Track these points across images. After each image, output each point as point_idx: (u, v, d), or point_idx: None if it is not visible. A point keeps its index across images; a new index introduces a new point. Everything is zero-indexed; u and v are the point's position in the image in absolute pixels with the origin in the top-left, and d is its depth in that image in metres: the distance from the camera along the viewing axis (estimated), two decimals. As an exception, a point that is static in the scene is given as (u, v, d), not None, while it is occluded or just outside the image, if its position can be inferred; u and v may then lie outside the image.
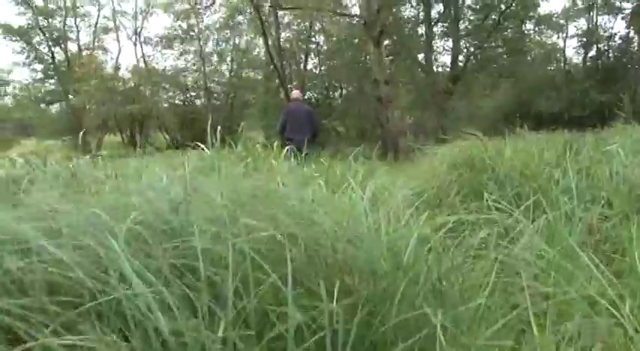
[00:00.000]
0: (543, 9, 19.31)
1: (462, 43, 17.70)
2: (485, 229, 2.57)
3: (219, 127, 4.76)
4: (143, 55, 33.91)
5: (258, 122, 19.56)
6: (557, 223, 2.81)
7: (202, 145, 5.33)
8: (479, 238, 2.44)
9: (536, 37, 20.29)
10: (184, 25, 32.86)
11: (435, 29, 17.96)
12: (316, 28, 18.58)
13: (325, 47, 18.41)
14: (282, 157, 4.70)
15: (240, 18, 25.72)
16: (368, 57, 14.62)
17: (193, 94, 35.87)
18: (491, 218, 2.87)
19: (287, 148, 9.01)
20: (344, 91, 18.37)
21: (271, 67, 17.73)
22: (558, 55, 20.72)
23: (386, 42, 14.70)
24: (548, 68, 20.16)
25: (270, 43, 19.23)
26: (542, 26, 19.86)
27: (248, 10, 20.54)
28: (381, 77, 13.01)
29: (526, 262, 2.29)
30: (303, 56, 18.47)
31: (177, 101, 35.80)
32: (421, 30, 17.91)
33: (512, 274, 2.25)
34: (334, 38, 18.16)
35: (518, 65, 18.04)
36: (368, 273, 1.74)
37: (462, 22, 17.89)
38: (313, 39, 18.66)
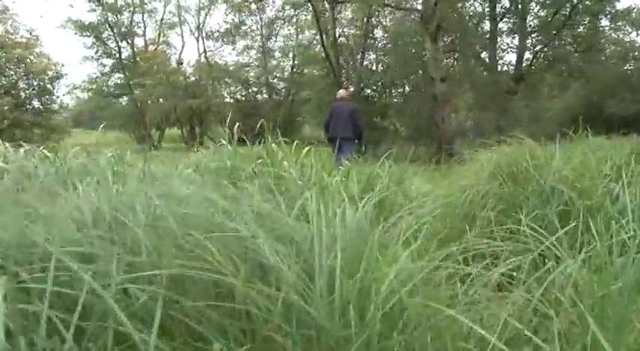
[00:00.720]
0: (622, 4, 17.99)
1: (528, 40, 16.64)
2: (514, 256, 2.05)
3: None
4: (204, 50, 34.33)
5: (312, 119, 19.15)
6: (607, 254, 2.20)
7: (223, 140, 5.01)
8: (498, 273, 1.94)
9: (612, 34, 18.86)
10: (247, 21, 33.20)
11: (499, 26, 16.98)
12: (374, 23, 17.96)
13: (382, 43, 17.76)
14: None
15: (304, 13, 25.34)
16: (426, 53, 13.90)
17: (255, 89, 36.20)
18: (520, 242, 2.33)
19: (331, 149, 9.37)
20: (403, 89, 17.65)
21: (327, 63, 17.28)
22: (637, 53, 19.18)
23: (446, 38, 14.04)
24: (624, 68, 18.69)
25: (326, 38, 18.90)
26: (620, 22, 18.44)
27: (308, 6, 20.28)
28: (437, 75, 12.33)
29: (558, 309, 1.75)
30: (360, 52, 17.88)
31: (238, 96, 36.23)
32: (485, 26, 16.98)
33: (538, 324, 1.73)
34: (392, 33, 17.52)
35: (589, 64, 16.75)
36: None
37: (529, 17, 16.82)
38: (371, 34, 18.04)
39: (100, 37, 33.64)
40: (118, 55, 34.20)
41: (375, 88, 17.97)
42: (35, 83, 14.05)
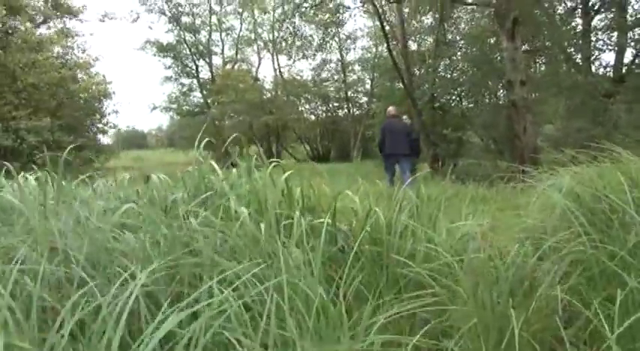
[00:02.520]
0: None
1: (629, 35, 14.28)
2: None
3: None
4: (278, 65, 33.88)
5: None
6: None
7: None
8: None
9: None
10: (324, 35, 32.47)
11: (593, 22, 14.75)
12: (446, 27, 16.30)
13: (456, 48, 16.03)
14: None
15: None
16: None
17: (336, 104, 35.39)
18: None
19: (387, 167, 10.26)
20: (480, 96, 15.81)
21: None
22: None
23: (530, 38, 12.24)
24: None
25: (395, 45, 17.48)
26: None
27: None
28: (516, 77, 10.59)
29: None
30: (432, 59, 16.29)
31: (319, 111, 35.55)
32: (574, 21, 14.83)
33: None
34: (465, 36, 15.81)
35: None
36: None
37: (630, 10, 14.49)
38: (443, 39, 16.39)
39: (179, 56, 34.05)
40: (195, 74, 34.53)
41: (448, 97, 16.26)
42: (82, 103, 13.70)
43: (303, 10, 17.20)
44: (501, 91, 14.59)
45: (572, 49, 14.46)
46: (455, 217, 5.09)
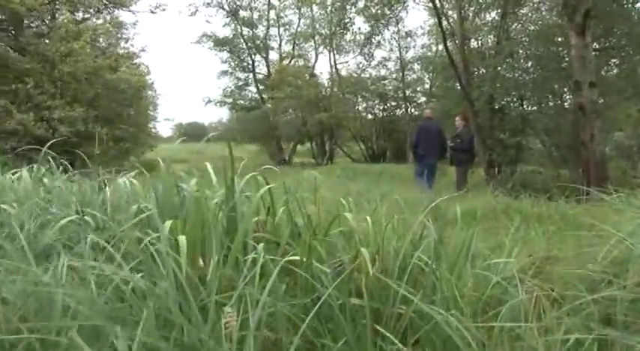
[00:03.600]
0: None
1: None
2: None
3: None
4: (335, 62, 33.10)
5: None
6: None
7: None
8: None
9: None
10: (384, 31, 31.56)
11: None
12: (509, 24, 15.10)
13: (519, 45, 14.79)
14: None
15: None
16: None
17: (394, 103, 34.41)
18: None
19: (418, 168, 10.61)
20: (544, 99, 14.55)
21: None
22: None
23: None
24: None
25: (453, 42, 16.42)
26: None
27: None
28: (585, 78, 9.46)
29: None
30: (493, 57, 15.15)
31: (376, 110, 34.63)
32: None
33: None
34: (530, 32, 14.57)
35: None
36: None
37: None
38: (505, 36, 15.19)
39: (235, 51, 33.95)
40: (251, 69, 34.35)
41: (509, 98, 15.07)
42: (121, 93, 13.39)
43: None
44: (568, 93, 13.33)
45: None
46: (498, 242, 4.24)
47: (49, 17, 12.61)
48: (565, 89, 13.21)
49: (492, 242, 4.30)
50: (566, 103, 13.35)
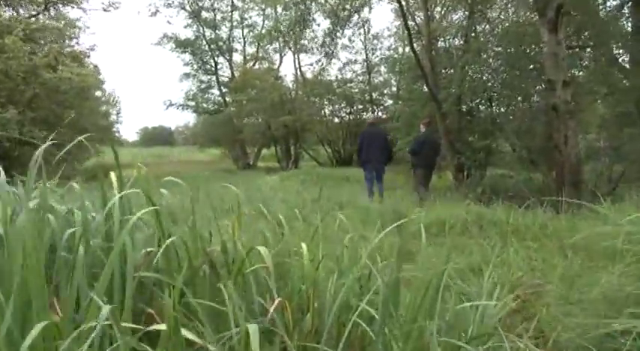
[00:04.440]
0: None
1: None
2: None
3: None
4: (299, 64, 32.37)
5: (403, 137, 16.02)
6: None
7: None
8: None
9: None
10: (349, 33, 30.91)
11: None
12: (476, 17, 14.53)
13: (488, 44, 14.22)
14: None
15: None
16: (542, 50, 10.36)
17: (360, 106, 33.81)
18: None
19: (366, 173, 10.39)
20: (513, 100, 14.01)
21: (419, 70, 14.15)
22: None
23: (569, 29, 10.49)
24: None
25: (419, 41, 15.83)
26: None
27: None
28: (558, 77, 8.88)
29: None
30: (459, 57, 14.58)
31: (342, 114, 33.95)
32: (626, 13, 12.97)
33: None
34: (498, 29, 14.02)
35: None
36: None
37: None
38: (473, 34, 14.64)
39: (197, 53, 32.93)
40: (214, 71, 33.35)
41: (478, 100, 14.49)
42: (62, 97, 12.28)
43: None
44: (538, 94, 12.78)
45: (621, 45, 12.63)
46: (470, 266, 3.51)
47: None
48: (536, 89, 12.66)
49: (464, 263, 3.57)
50: (537, 104, 12.78)
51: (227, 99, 33.21)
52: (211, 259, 1.89)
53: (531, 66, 12.60)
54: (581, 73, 13.42)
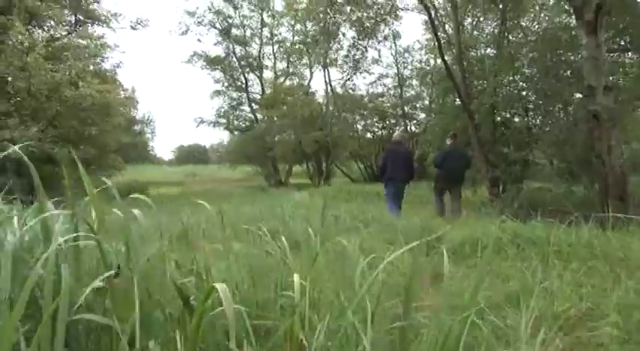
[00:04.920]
0: None
1: None
2: None
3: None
4: (329, 79, 32.03)
5: (434, 151, 15.45)
6: None
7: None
8: None
9: None
10: (380, 47, 30.59)
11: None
12: (509, 25, 13.95)
13: (523, 51, 13.60)
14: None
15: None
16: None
17: (393, 121, 33.34)
18: None
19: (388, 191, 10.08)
20: (551, 109, 13.32)
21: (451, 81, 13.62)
22: None
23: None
24: None
25: (450, 51, 15.32)
26: None
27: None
28: (598, 82, 8.28)
29: None
30: (491, 66, 14.00)
31: (375, 128, 33.48)
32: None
33: None
34: (534, 35, 13.40)
35: None
36: None
37: None
38: (505, 42, 14.04)
39: (227, 69, 32.98)
40: (245, 88, 33.34)
41: (512, 110, 13.86)
42: (84, 114, 12.15)
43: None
44: (576, 102, 12.09)
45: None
46: (506, 294, 3.01)
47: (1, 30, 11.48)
48: (575, 97, 11.98)
49: (500, 293, 3.08)
50: (576, 113, 12.09)
51: (258, 115, 33.06)
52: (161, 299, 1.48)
53: (569, 72, 11.96)
54: (622, 78, 12.67)
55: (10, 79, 10.94)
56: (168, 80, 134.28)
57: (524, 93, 13.34)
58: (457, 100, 14.33)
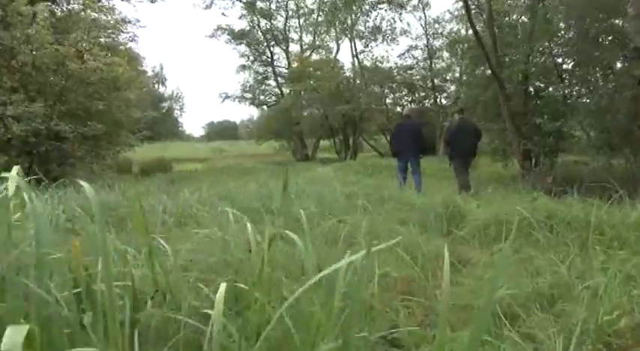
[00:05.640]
0: None
1: None
2: None
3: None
4: (356, 52, 31.09)
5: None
6: None
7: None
8: None
9: None
10: (409, 17, 29.66)
11: None
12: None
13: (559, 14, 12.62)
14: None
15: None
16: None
17: (422, 94, 32.52)
18: None
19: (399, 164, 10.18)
20: (590, 78, 12.38)
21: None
22: None
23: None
24: None
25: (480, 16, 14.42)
26: None
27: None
28: (645, 44, 7.49)
29: None
30: (524, 32, 13.08)
31: (404, 102, 32.60)
32: None
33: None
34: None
35: None
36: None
37: None
38: (540, 5, 13.03)
39: (252, 43, 32.30)
40: (269, 62, 32.65)
41: (547, 79, 12.96)
42: (91, 88, 11.65)
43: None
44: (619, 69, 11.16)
45: None
46: (537, 291, 2.43)
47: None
48: (618, 63, 11.04)
49: (527, 286, 2.50)
50: (619, 79, 11.13)
51: (284, 90, 32.47)
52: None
53: (610, 37, 11.02)
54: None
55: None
56: (195, 56, 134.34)
57: (559, 60, 12.41)
58: (487, 69, 13.47)
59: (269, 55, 33.05)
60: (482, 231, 4.43)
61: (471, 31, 15.68)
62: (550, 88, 12.94)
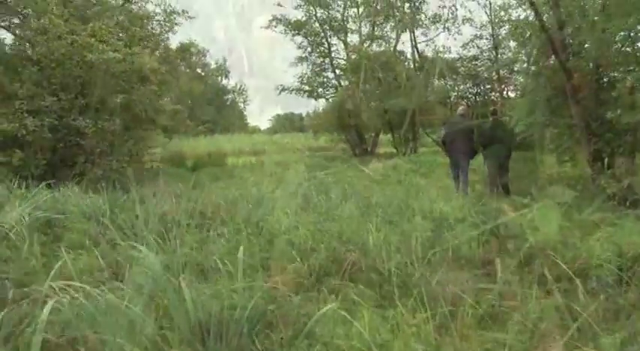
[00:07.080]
0: None
1: None
2: None
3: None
4: (416, 42, 29.52)
5: (524, 118, 13.20)
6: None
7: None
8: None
9: None
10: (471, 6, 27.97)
11: None
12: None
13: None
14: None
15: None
16: None
17: (488, 86, 30.89)
18: None
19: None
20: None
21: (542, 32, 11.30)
22: None
23: None
24: None
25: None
26: None
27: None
28: None
29: None
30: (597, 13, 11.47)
31: (468, 94, 31.06)
32: None
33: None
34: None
35: None
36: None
37: None
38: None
39: (309, 34, 31.48)
40: (327, 53, 31.74)
41: (621, 67, 11.32)
42: (113, 80, 11.04)
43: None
44: None
45: None
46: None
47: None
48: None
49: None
50: None
51: (342, 82, 31.49)
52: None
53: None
54: None
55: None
56: (257, 49, 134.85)
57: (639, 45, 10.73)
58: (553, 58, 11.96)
59: (327, 46, 32.14)
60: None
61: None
62: (629, 78, 11.21)
